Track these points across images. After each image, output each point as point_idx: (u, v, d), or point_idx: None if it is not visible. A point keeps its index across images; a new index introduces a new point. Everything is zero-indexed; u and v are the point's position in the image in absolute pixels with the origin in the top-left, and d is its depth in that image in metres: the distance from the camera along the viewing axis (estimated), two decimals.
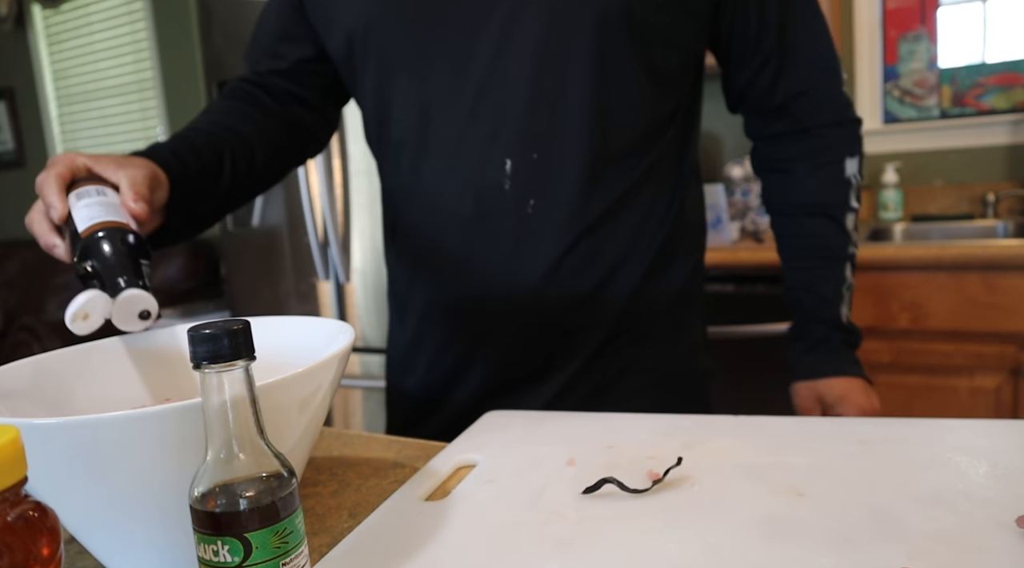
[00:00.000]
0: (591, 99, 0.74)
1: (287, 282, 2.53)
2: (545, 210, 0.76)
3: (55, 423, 0.39)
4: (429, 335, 0.85)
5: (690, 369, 0.88)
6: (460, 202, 0.77)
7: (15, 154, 4.11)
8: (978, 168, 2.28)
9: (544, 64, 0.73)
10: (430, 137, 0.78)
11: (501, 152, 0.75)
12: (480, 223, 0.77)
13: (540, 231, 0.76)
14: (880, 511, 0.46)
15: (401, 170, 0.82)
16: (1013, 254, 1.74)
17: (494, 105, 0.74)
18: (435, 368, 0.85)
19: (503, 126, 0.75)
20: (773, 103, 0.84)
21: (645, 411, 0.68)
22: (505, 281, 0.78)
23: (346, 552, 0.47)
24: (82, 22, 3.73)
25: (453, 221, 0.79)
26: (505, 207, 0.76)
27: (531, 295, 0.78)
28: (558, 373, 0.81)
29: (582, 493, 0.51)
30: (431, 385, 0.86)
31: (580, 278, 0.78)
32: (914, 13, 2.31)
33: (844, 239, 0.85)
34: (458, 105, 0.76)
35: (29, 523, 0.29)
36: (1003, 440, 0.55)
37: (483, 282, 0.79)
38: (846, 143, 0.85)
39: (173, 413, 0.40)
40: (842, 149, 0.84)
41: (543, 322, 0.79)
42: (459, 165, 0.77)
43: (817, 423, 0.61)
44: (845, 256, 0.86)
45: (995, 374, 1.81)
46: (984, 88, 2.26)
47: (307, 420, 0.48)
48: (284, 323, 0.62)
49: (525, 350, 0.81)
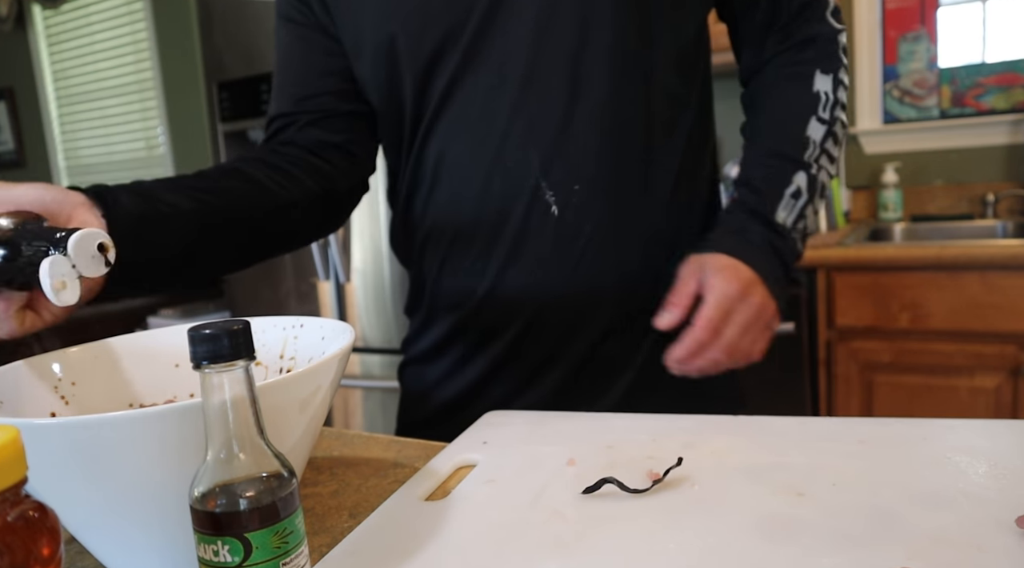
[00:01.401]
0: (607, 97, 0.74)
1: (287, 282, 2.53)
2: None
3: (55, 423, 0.39)
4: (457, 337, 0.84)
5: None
6: (485, 195, 0.77)
7: (15, 154, 4.12)
8: (978, 168, 2.28)
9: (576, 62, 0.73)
10: (463, 135, 0.77)
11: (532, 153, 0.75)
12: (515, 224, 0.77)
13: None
14: (880, 511, 0.46)
15: (427, 173, 0.80)
16: (1013, 254, 1.74)
17: (533, 101, 0.74)
18: (466, 370, 0.84)
19: (534, 128, 0.74)
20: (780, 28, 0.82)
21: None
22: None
23: (346, 552, 0.47)
24: (82, 22, 3.73)
25: (480, 217, 0.78)
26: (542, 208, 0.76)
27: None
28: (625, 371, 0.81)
29: (582, 493, 0.51)
30: (460, 387, 0.85)
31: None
32: (914, 13, 2.31)
33: (798, 147, 0.79)
34: (495, 103, 0.75)
35: (29, 523, 0.29)
36: (1003, 440, 0.55)
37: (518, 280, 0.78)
38: (819, 59, 0.82)
39: (173, 413, 0.40)
40: (812, 64, 0.81)
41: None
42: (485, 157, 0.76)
43: (817, 423, 0.61)
44: (798, 162, 0.78)
45: (995, 374, 1.81)
46: (984, 88, 2.26)
47: (307, 420, 0.48)
48: (284, 323, 0.62)
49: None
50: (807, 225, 0.79)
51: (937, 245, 1.85)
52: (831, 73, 0.80)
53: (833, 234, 2.17)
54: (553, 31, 0.73)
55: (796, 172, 0.78)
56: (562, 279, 0.77)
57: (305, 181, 0.77)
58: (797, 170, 0.78)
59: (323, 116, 0.82)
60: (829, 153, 0.79)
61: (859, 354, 1.93)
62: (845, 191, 2.38)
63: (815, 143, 0.79)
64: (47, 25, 3.88)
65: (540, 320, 0.79)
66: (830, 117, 0.80)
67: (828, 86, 0.80)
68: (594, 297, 0.78)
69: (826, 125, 0.79)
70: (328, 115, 0.82)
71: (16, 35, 3.95)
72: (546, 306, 0.78)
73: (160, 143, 3.60)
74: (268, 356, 0.62)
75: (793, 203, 0.78)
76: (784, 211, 0.77)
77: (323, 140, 0.81)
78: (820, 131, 0.79)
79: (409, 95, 0.78)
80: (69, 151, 3.97)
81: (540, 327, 0.79)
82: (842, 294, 1.92)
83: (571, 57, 0.73)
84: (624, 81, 0.75)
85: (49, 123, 3.97)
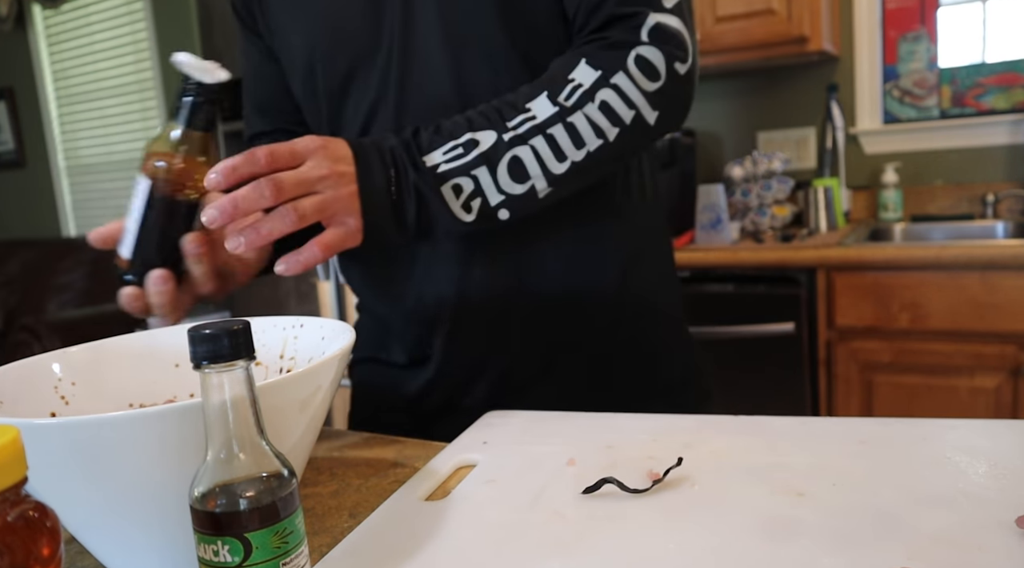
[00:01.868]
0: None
1: (287, 282, 2.53)
2: None
3: (55, 423, 0.39)
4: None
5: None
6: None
7: (15, 154, 4.12)
8: (978, 168, 2.28)
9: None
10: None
11: None
12: None
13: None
14: (880, 511, 0.46)
15: None
16: (1013, 254, 1.74)
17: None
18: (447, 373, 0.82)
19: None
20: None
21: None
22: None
23: (346, 552, 0.47)
24: (82, 22, 3.73)
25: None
26: None
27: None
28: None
29: (582, 493, 0.51)
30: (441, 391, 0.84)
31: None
32: (914, 13, 2.31)
33: (507, 111, 0.67)
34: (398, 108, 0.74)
35: (29, 523, 0.29)
36: (1003, 440, 0.55)
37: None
38: (594, 53, 0.69)
39: (173, 413, 0.40)
40: (581, 55, 0.69)
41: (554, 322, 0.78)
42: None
43: (817, 423, 0.61)
44: (494, 123, 0.67)
45: (995, 374, 1.81)
46: (984, 88, 2.26)
47: (307, 420, 0.48)
48: (284, 323, 0.62)
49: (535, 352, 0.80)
50: (481, 195, 0.66)
51: (937, 245, 1.85)
52: (600, 70, 0.67)
53: (833, 234, 2.17)
54: (467, 54, 0.72)
55: (484, 130, 0.66)
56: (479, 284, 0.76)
57: None
58: (487, 129, 0.66)
59: (299, 127, 0.84)
60: (555, 142, 0.66)
61: (859, 354, 1.93)
62: (845, 191, 2.38)
63: (533, 119, 0.66)
64: (47, 25, 3.88)
65: (458, 326, 0.78)
66: (571, 105, 0.67)
67: (588, 79, 0.67)
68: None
69: (559, 109, 0.66)
70: (303, 124, 0.84)
71: (16, 35, 3.95)
72: (465, 311, 0.77)
73: None
74: (268, 356, 0.62)
75: (460, 152, 0.66)
76: (441, 154, 0.66)
77: None
78: (547, 110, 0.66)
79: (326, 119, 0.79)
80: (69, 151, 3.97)
81: (459, 333, 0.78)
82: (842, 294, 1.92)
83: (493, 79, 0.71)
84: None
85: (49, 123, 3.97)
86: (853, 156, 2.42)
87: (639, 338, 0.82)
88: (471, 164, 0.65)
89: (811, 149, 2.48)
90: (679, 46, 0.69)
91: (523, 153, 0.66)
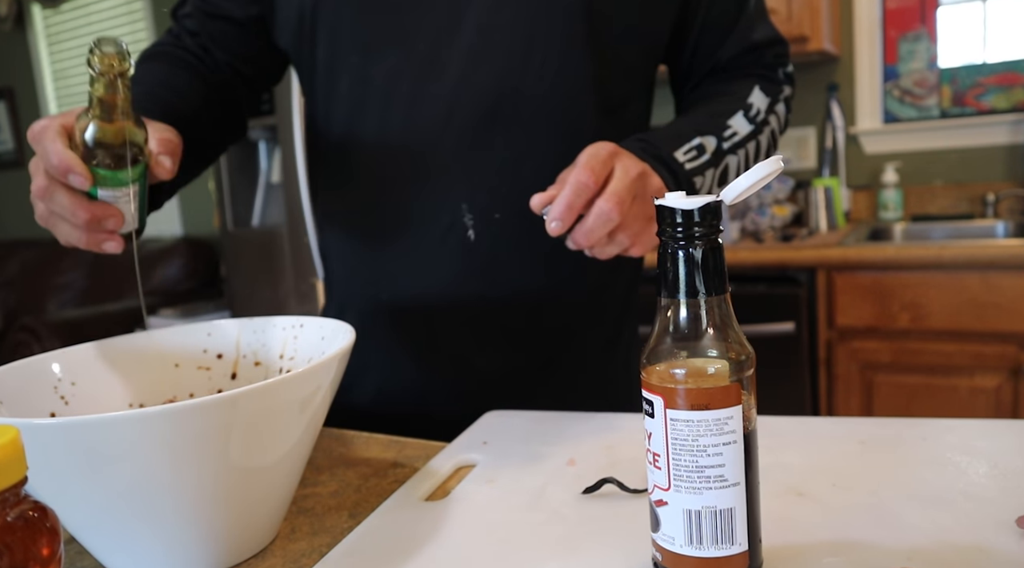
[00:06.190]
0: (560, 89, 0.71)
1: (287, 282, 2.53)
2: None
3: (55, 423, 0.39)
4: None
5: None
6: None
7: (15, 154, 4.12)
8: (978, 168, 2.28)
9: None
10: (384, 117, 0.73)
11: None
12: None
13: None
14: (880, 511, 0.46)
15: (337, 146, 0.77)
16: (1013, 254, 1.74)
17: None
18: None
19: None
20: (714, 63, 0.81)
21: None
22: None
23: (346, 552, 0.47)
24: (82, 22, 3.73)
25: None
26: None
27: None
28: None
29: (582, 493, 0.51)
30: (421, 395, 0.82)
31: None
32: (914, 13, 2.31)
33: (718, 126, 0.73)
34: (414, 86, 0.71)
35: (29, 523, 0.29)
36: (1003, 440, 0.55)
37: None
38: (761, 79, 0.79)
39: (173, 413, 0.40)
40: (754, 80, 0.78)
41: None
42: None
43: (817, 423, 0.61)
44: (711, 132, 0.72)
45: (995, 374, 1.81)
46: (984, 88, 2.26)
47: (307, 420, 0.48)
48: (284, 323, 0.62)
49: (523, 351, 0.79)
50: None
51: (937, 245, 1.85)
52: (770, 96, 0.78)
53: (833, 234, 2.17)
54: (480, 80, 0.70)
55: (706, 136, 0.71)
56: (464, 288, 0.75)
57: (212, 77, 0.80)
58: (707, 135, 0.71)
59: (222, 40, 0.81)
60: (747, 156, 0.74)
61: (859, 354, 1.93)
62: (845, 191, 2.38)
63: (737, 133, 0.73)
64: (47, 25, 3.88)
65: (432, 328, 0.77)
66: (760, 122, 0.76)
67: (763, 103, 0.76)
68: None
69: (754, 126, 0.75)
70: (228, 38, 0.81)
71: (16, 35, 3.95)
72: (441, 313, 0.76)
73: None
74: (268, 356, 0.62)
75: (695, 154, 0.70)
76: (682, 154, 0.69)
77: (222, 60, 0.81)
78: (746, 128, 0.74)
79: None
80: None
81: (436, 333, 0.78)
82: (842, 294, 1.92)
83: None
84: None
85: None
86: (853, 156, 2.42)
87: (640, 338, 0.83)
88: (704, 167, 0.70)
89: (811, 149, 2.48)
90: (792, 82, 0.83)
91: (731, 162, 0.73)
